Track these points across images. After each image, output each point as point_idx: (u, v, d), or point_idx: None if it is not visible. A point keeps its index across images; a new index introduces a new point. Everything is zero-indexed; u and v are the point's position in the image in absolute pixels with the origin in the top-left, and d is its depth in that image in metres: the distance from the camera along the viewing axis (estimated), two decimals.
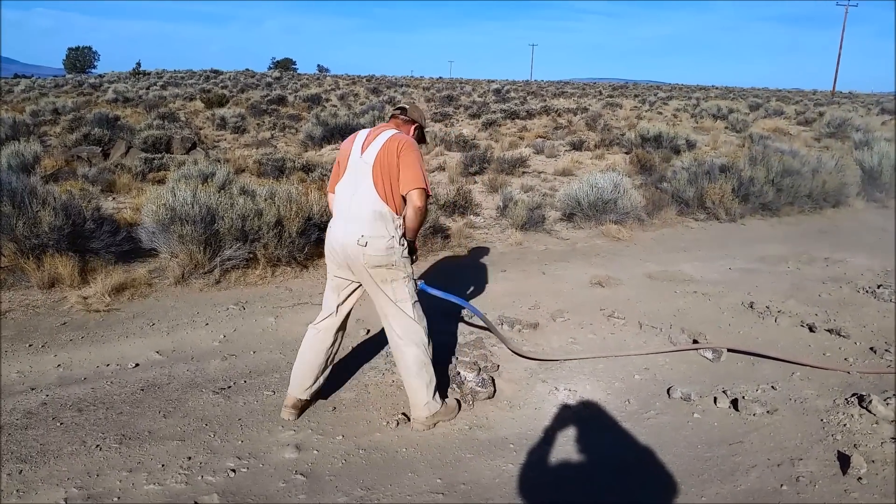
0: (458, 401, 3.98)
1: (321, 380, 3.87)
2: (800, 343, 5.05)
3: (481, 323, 4.83)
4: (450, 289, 5.98)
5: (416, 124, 3.82)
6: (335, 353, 3.89)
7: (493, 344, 4.86)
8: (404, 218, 3.54)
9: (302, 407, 3.85)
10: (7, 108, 21.57)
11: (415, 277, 3.76)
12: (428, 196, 3.55)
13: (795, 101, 44.78)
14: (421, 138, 3.90)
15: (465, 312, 5.39)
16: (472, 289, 6.20)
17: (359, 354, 4.70)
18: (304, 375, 3.79)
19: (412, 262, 3.72)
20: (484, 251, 7.61)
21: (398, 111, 3.84)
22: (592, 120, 23.01)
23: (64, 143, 13.78)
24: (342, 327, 3.85)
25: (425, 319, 3.75)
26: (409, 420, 3.79)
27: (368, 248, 3.45)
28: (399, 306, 3.62)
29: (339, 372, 4.34)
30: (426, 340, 3.69)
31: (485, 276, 6.65)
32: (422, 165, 3.51)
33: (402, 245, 3.56)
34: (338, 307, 3.79)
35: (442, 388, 4.00)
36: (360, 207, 3.49)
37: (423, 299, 3.82)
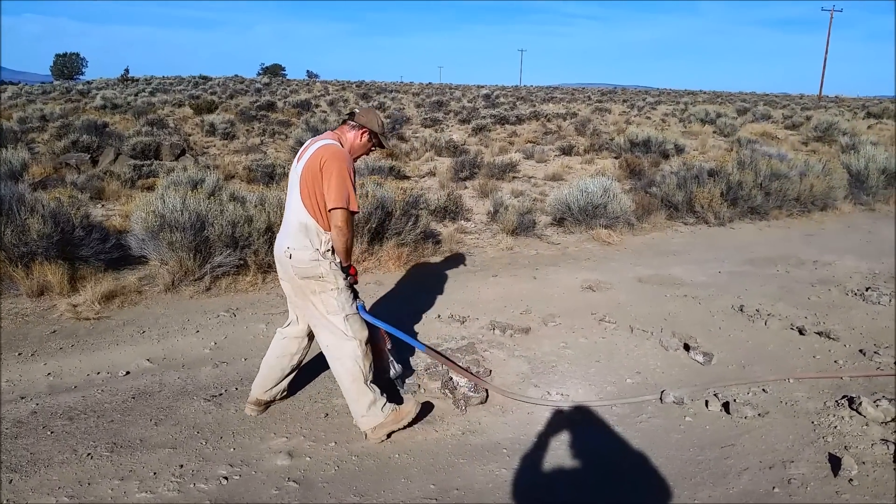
0: (426, 403, 3.94)
1: (284, 383, 3.93)
2: (790, 346, 5.08)
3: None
4: (440, 294, 6.00)
5: (365, 129, 3.68)
6: (300, 360, 3.94)
7: (484, 349, 4.87)
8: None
9: (265, 405, 3.93)
10: None
11: (352, 296, 3.66)
12: (352, 213, 3.46)
13: (783, 105, 45.16)
14: (378, 144, 3.81)
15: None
16: (462, 294, 6.20)
17: None
18: (266, 377, 3.87)
19: (348, 284, 3.63)
20: (475, 256, 7.62)
21: (348, 115, 3.76)
22: (582, 125, 23.11)
23: (52, 150, 13.68)
24: (308, 337, 3.87)
25: (365, 331, 3.66)
26: None
27: (293, 259, 3.47)
28: (329, 318, 3.57)
29: (331, 379, 4.33)
30: (359, 354, 3.59)
31: (476, 280, 6.66)
32: (346, 181, 3.40)
33: (330, 258, 3.51)
34: (297, 318, 3.81)
35: (394, 393, 4.04)
36: (289, 218, 3.54)
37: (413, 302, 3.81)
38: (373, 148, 3.83)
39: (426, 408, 3.92)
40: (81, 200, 7.25)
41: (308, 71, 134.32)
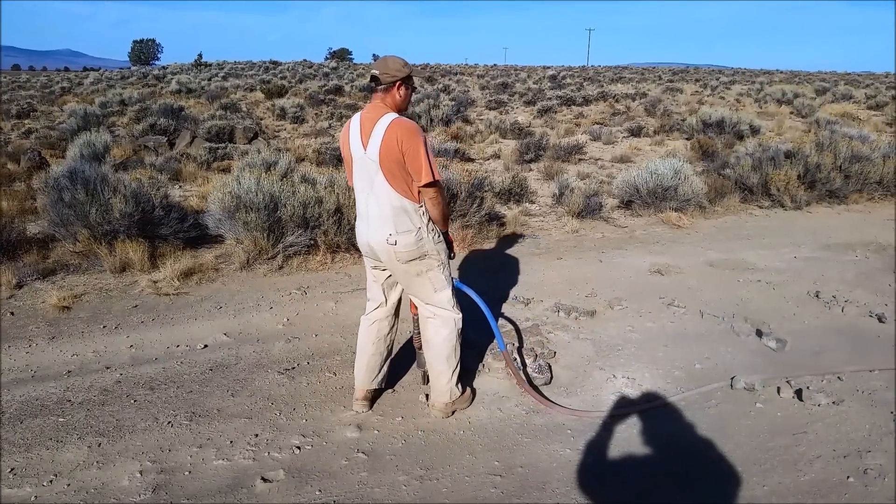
0: (473, 389, 4.00)
1: (386, 367, 3.90)
2: (868, 334, 4.89)
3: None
4: (505, 276, 6.01)
5: (398, 81, 3.41)
6: (394, 340, 3.93)
7: (549, 331, 4.87)
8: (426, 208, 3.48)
9: (373, 398, 3.88)
10: (78, 100, 22.43)
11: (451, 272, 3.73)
12: (438, 183, 3.40)
13: (866, 84, 42.96)
14: (413, 90, 3.59)
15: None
16: (526, 276, 6.20)
17: None
18: (368, 367, 3.81)
19: (450, 257, 3.69)
20: (539, 238, 7.60)
21: (373, 82, 3.45)
22: (652, 105, 22.57)
23: (131, 133, 14.27)
24: (395, 314, 3.89)
25: (459, 307, 3.72)
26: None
27: (399, 245, 3.40)
28: (438, 295, 3.61)
29: (399, 356, 4.42)
30: (461, 327, 3.69)
31: (540, 263, 6.64)
32: (427, 153, 3.32)
33: (431, 231, 3.50)
34: (386, 297, 3.81)
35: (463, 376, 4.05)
36: (381, 206, 3.40)
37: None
38: (413, 90, 3.63)
39: (474, 394, 3.98)
40: (161, 181, 7.55)
41: (374, 55, 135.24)
